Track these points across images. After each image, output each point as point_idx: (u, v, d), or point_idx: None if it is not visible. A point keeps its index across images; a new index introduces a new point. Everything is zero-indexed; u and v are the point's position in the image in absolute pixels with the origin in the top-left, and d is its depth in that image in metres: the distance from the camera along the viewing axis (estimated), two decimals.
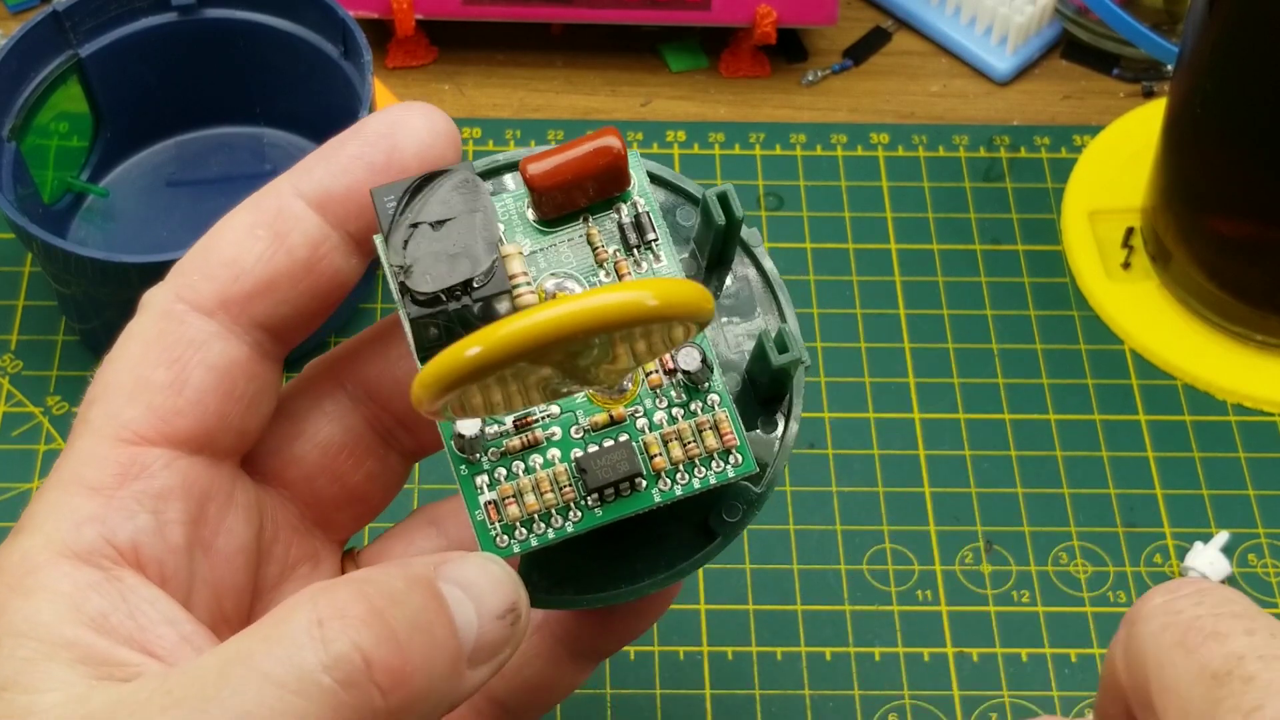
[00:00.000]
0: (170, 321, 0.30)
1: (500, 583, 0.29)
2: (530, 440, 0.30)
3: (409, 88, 0.61)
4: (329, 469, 0.33)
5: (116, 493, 0.29)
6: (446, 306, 0.29)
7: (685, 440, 0.31)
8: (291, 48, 0.53)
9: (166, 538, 0.29)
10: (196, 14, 0.53)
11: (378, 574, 0.28)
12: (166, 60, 0.54)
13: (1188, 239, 0.53)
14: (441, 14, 0.59)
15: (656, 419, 0.31)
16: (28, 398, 0.52)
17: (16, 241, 0.53)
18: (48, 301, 0.54)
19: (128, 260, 0.46)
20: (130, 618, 0.28)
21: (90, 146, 0.55)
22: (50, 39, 0.51)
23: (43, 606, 0.27)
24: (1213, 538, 0.49)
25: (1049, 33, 0.62)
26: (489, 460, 0.30)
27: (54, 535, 0.28)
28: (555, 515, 0.30)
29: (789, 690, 0.46)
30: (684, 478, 0.31)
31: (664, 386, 0.31)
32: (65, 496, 0.29)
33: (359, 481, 0.33)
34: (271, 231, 0.30)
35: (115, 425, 0.29)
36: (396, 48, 0.61)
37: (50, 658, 0.27)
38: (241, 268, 0.30)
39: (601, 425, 0.31)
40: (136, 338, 0.30)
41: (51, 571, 0.28)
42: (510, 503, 0.30)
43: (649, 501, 0.30)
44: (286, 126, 0.56)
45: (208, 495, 0.30)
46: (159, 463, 0.29)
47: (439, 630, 0.27)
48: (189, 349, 0.30)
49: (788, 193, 0.58)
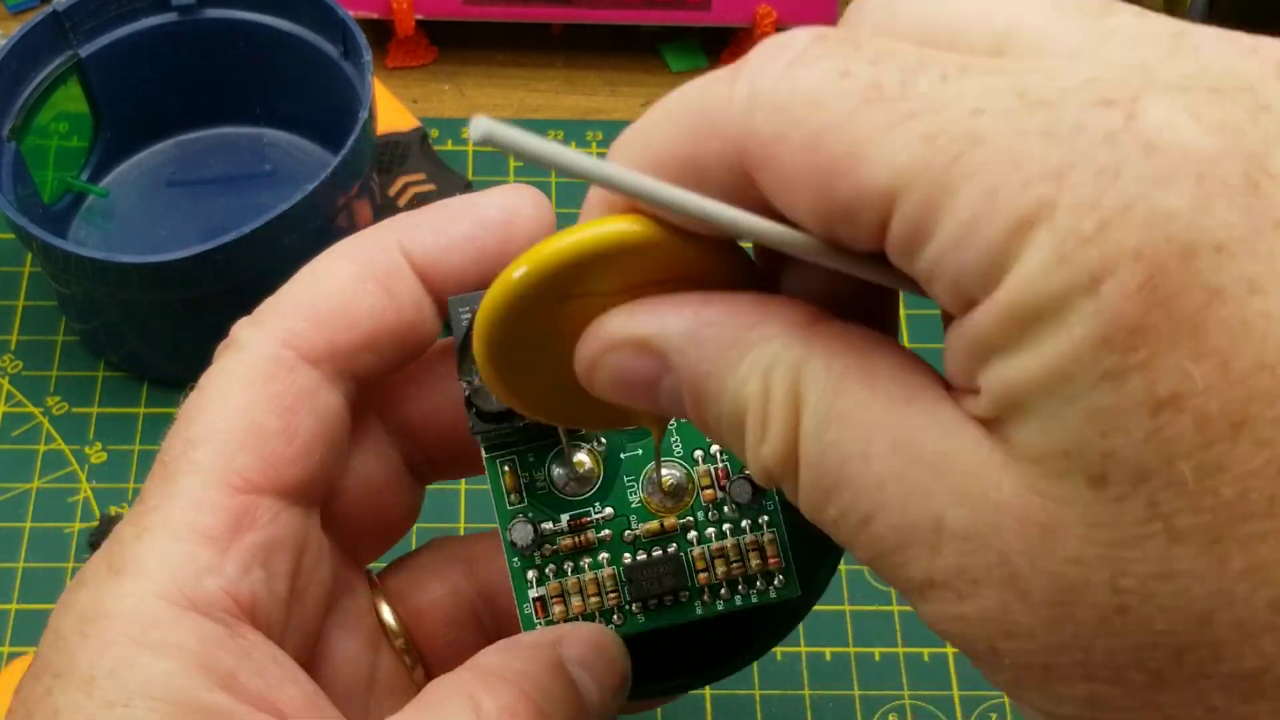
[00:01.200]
0: (280, 367, 0.29)
1: (614, 659, 0.30)
2: (583, 542, 0.31)
3: (409, 88, 0.61)
4: (370, 503, 0.33)
5: (232, 543, 0.28)
6: (507, 425, 0.30)
7: (730, 559, 0.31)
8: (291, 48, 0.53)
9: (274, 590, 0.29)
10: (196, 14, 0.53)
11: (519, 663, 0.28)
12: (166, 60, 0.54)
13: None
14: (441, 14, 0.59)
15: (706, 533, 0.31)
16: (28, 398, 0.52)
17: (16, 241, 0.53)
18: (48, 301, 0.54)
19: (127, 260, 0.46)
20: (258, 676, 0.27)
21: (90, 146, 0.55)
22: (50, 39, 0.51)
23: (173, 667, 0.26)
24: None
25: None
26: (541, 557, 0.31)
27: (171, 584, 0.27)
28: (599, 617, 0.31)
29: (789, 690, 0.46)
30: (726, 594, 0.31)
31: (717, 500, 0.31)
32: (178, 543, 0.28)
33: (395, 514, 0.33)
34: (382, 287, 0.30)
35: (228, 471, 0.28)
36: (396, 48, 0.61)
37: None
38: (354, 320, 0.30)
39: (653, 534, 0.31)
40: (240, 379, 0.29)
41: (176, 626, 0.27)
42: (557, 601, 0.31)
43: (690, 615, 0.31)
44: (286, 126, 0.56)
45: (304, 545, 0.30)
46: (269, 513, 0.29)
47: (578, 717, 0.28)
48: (300, 398, 0.29)
49: None
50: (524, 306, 0.24)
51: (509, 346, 0.25)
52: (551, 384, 0.26)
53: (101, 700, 0.26)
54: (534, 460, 0.32)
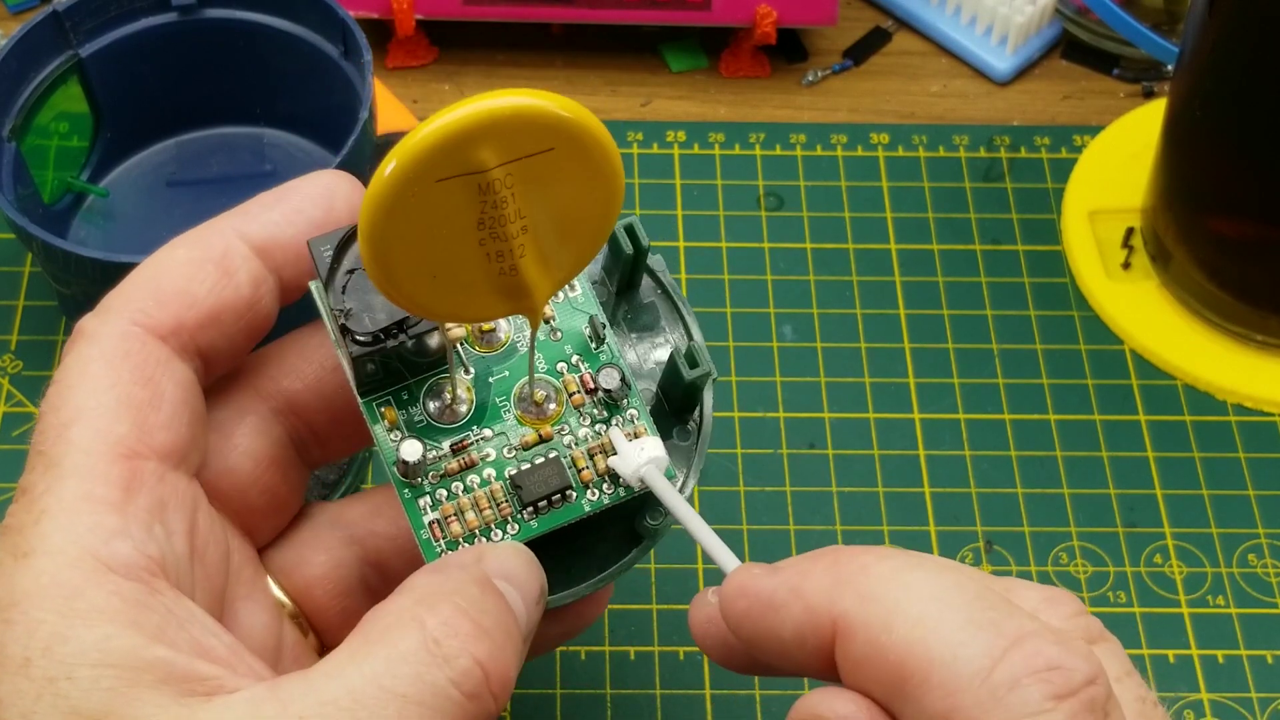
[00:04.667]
0: (133, 342, 0.31)
1: (532, 569, 0.32)
2: (467, 462, 0.33)
3: (409, 88, 0.61)
4: (260, 480, 0.34)
5: (129, 506, 0.29)
6: (385, 344, 0.32)
7: (609, 452, 0.33)
8: (291, 48, 0.53)
9: (176, 549, 0.30)
10: (196, 14, 0.53)
11: (450, 583, 0.30)
12: (166, 60, 0.54)
13: (1188, 239, 0.53)
14: (441, 14, 0.59)
15: (581, 434, 0.33)
16: (28, 398, 0.52)
17: (16, 241, 0.53)
18: (48, 301, 0.54)
19: (128, 260, 0.46)
20: (183, 630, 0.28)
21: (90, 146, 0.55)
22: (50, 39, 0.51)
23: (107, 630, 0.27)
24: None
25: (1049, 33, 0.62)
26: (430, 483, 0.33)
27: (83, 554, 0.28)
28: (494, 529, 0.33)
29: (789, 690, 0.46)
30: (610, 487, 0.33)
31: (586, 405, 0.34)
32: (79, 515, 0.28)
33: (284, 491, 0.34)
34: (220, 268, 0.32)
35: (109, 442, 0.29)
36: (396, 48, 0.61)
37: (135, 683, 0.27)
38: (194, 298, 0.31)
39: (531, 443, 0.33)
40: (98, 360, 0.30)
41: (97, 591, 0.27)
42: (452, 520, 0.33)
43: (579, 511, 0.33)
44: (286, 126, 0.56)
45: (195, 507, 0.31)
46: (154, 476, 0.30)
47: (512, 628, 0.30)
48: (159, 367, 0.31)
49: (788, 193, 0.58)
50: (401, 196, 0.26)
51: (391, 240, 0.27)
52: (431, 274, 0.28)
53: (43, 679, 0.26)
54: (408, 397, 0.33)
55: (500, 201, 0.27)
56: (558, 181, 0.28)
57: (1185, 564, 0.49)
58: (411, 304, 0.29)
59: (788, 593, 0.29)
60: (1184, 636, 0.47)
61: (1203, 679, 0.46)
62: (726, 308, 0.54)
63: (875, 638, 0.27)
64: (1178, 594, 0.48)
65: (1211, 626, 0.47)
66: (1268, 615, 0.48)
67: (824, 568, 0.29)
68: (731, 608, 0.30)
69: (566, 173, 0.28)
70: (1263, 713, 0.46)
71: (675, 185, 0.58)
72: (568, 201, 0.28)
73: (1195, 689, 0.46)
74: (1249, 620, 0.48)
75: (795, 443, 0.51)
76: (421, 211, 0.27)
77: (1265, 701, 0.46)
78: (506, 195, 0.27)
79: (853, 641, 0.27)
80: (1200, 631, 0.47)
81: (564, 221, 0.29)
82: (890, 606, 0.27)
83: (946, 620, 0.27)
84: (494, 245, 0.28)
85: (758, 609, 0.29)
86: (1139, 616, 0.48)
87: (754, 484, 0.50)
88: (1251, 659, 0.47)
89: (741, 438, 0.51)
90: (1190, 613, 0.48)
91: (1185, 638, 0.47)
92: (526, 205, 0.28)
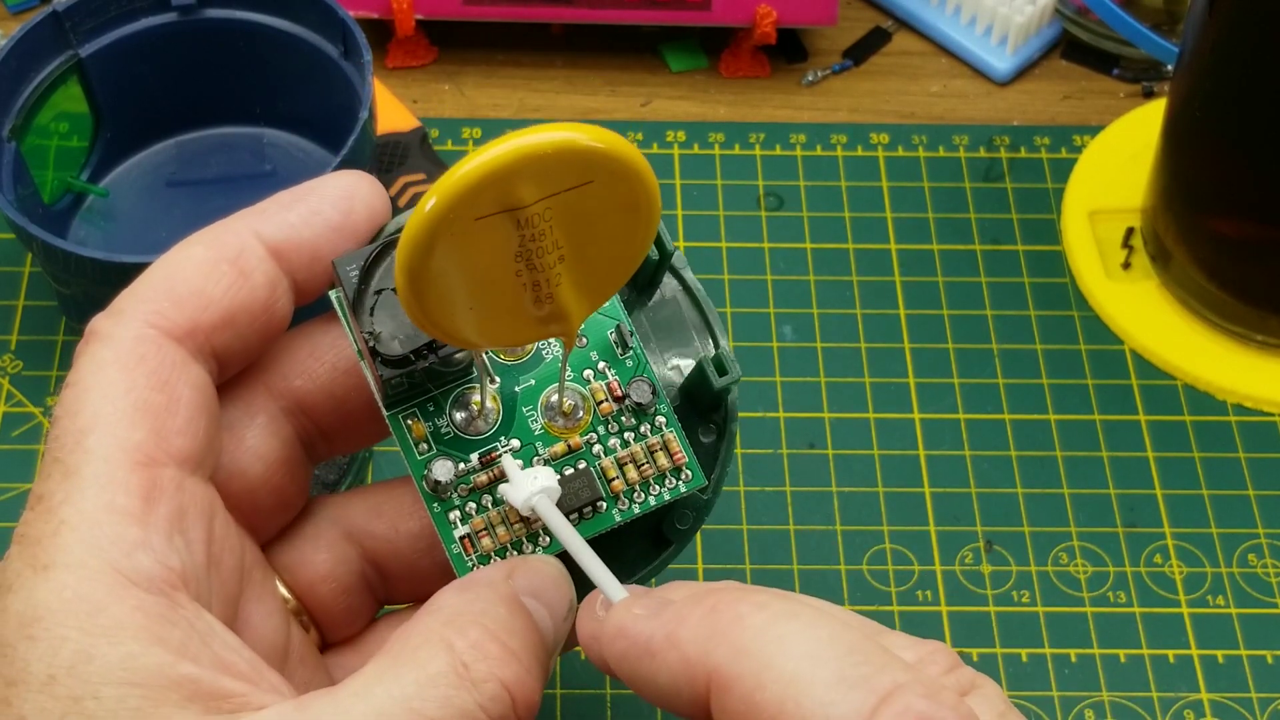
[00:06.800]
0: (149, 345, 0.30)
1: (560, 585, 0.31)
2: (496, 475, 0.32)
3: (409, 88, 0.61)
4: (270, 481, 0.33)
5: (149, 516, 0.28)
6: (416, 366, 0.31)
7: (639, 463, 0.33)
8: (291, 48, 0.53)
9: (195, 559, 0.29)
10: (196, 14, 0.53)
11: (479, 603, 0.30)
12: (166, 60, 0.54)
13: (1188, 239, 0.53)
14: (441, 14, 0.59)
15: (610, 444, 0.33)
16: (28, 398, 0.52)
17: (16, 241, 0.53)
18: (48, 301, 0.54)
19: (128, 260, 0.46)
20: (205, 645, 0.28)
21: (90, 146, 0.55)
22: (50, 39, 0.51)
23: (132, 647, 0.26)
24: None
25: (1049, 33, 0.62)
26: (459, 496, 0.32)
27: (104, 567, 0.27)
28: (526, 543, 0.32)
29: None
30: (640, 496, 0.33)
31: (614, 413, 0.33)
32: (100, 527, 0.28)
33: (291, 491, 0.34)
34: (235, 269, 0.31)
35: (126, 449, 0.29)
36: (396, 48, 0.61)
37: (161, 702, 0.26)
38: (210, 298, 0.31)
39: (560, 455, 0.33)
40: (113, 364, 0.30)
41: (120, 606, 0.27)
42: (483, 535, 0.32)
43: (610, 522, 0.33)
44: (286, 126, 0.56)
45: (212, 513, 0.31)
46: (173, 483, 0.29)
47: (539, 648, 0.30)
48: (174, 371, 0.30)
49: (788, 193, 0.58)
50: (441, 235, 0.26)
51: (430, 278, 0.27)
52: (468, 306, 0.28)
53: (68, 698, 0.26)
54: (434, 409, 0.33)
55: (539, 234, 0.27)
56: (596, 212, 0.27)
57: (1185, 564, 0.49)
58: (447, 336, 0.29)
59: (663, 639, 0.28)
60: (1184, 636, 0.47)
61: (1203, 679, 0.46)
62: (726, 308, 0.54)
63: (749, 694, 0.26)
64: (1178, 594, 0.48)
65: (1211, 626, 0.47)
66: (1268, 615, 0.48)
67: (700, 616, 0.28)
68: (610, 648, 0.29)
69: (605, 204, 0.27)
70: (1263, 713, 0.46)
71: (675, 185, 0.58)
72: (605, 230, 0.28)
73: (1195, 689, 0.46)
74: (1249, 620, 0.48)
75: (795, 443, 0.51)
76: (460, 248, 0.26)
77: (1265, 702, 0.46)
78: (545, 228, 0.27)
79: (728, 696, 0.27)
80: (1200, 631, 0.47)
81: (601, 249, 0.28)
82: (764, 662, 0.27)
83: (819, 678, 0.26)
84: (530, 276, 0.28)
85: (634, 653, 0.29)
86: (1139, 616, 0.48)
87: (754, 484, 0.50)
88: (1251, 659, 0.47)
89: (741, 438, 0.51)
90: (1190, 613, 0.48)
91: (1185, 638, 0.47)
92: (564, 236, 0.27)
